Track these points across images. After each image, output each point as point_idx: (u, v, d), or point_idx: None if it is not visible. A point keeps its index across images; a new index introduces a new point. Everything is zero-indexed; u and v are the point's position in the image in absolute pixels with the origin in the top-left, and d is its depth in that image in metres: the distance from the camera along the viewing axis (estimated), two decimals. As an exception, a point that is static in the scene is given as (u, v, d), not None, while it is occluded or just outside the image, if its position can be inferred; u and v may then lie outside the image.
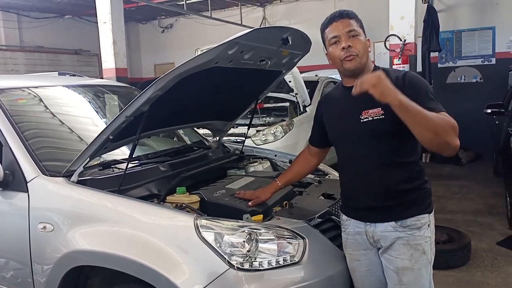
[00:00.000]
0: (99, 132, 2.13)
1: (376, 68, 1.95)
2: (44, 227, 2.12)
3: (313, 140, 2.25)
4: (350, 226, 1.99)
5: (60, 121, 2.84)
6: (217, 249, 1.83)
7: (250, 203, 2.20)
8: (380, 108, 1.80)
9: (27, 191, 2.21)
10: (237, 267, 1.81)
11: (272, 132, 5.43)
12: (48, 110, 2.86)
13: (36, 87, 2.98)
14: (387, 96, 1.62)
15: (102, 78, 6.99)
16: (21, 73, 9.54)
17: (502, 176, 5.44)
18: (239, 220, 2.00)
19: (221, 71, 2.22)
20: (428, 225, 1.88)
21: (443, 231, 3.95)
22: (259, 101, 3.18)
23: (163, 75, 1.99)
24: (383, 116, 1.80)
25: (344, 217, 2.04)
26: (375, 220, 1.89)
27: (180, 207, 2.12)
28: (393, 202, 1.86)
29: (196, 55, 6.10)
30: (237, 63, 2.26)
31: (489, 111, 5.58)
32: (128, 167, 2.25)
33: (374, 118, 1.82)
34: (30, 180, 2.21)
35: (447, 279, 3.47)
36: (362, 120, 1.85)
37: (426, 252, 1.86)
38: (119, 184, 2.16)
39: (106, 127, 2.12)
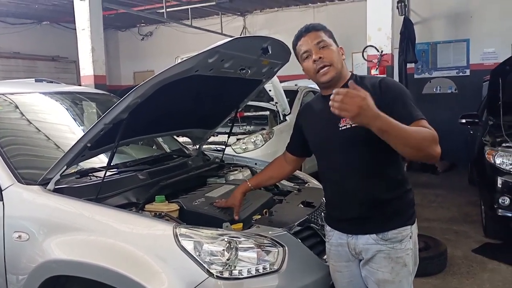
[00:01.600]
0: (77, 140, 2.10)
1: (352, 76, 1.94)
2: (20, 236, 2.08)
3: (290, 148, 2.24)
4: (333, 237, 1.98)
5: (37, 128, 2.79)
6: (197, 258, 1.82)
7: (235, 217, 2.18)
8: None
9: (2, 200, 2.16)
10: (216, 275, 1.81)
11: (252, 140, 5.44)
12: (24, 117, 2.81)
13: (12, 94, 2.93)
14: (369, 123, 1.57)
15: (80, 85, 6.89)
16: (-4, 79, 9.34)
17: (477, 185, 5.56)
18: (218, 229, 1.99)
19: (201, 79, 2.23)
20: (410, 237, 1.85)
21: (420, 238, 3.93)
22: (239, 110, 3.20)
23: (143, 83, 1.98)
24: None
25: (328, 227, 2.03)
26: (357, 232, 1.88)
27: (159, 216, 2.10)
28: (374, 212, 1.84)
29: (176, 62, 6.12)
30: (217, 72, 2.26)
31: (463, 121, 5.71)
32: (106, 175, 2.23)
33: (352, 125, 1.77)
34: (5, 188, 2.17)
35: (424, 286, 3.51)
36: (340, 128, 1.83)
37: (407, 264, 1.84)
38: (97, 193, 2.14)
39: (84, 135, 2.09)
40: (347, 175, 1.87)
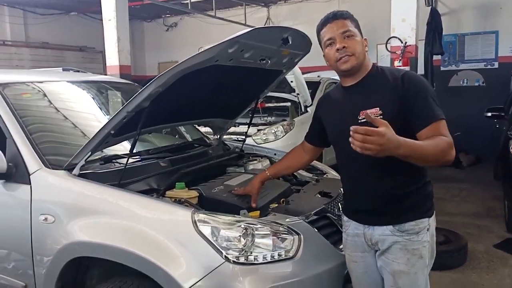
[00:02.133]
0: (101, 127, 2.17)
1: (374, 67, 1.93)
2: (46, 219, 2.17)
3: (309, 137, 2.26)
4: (350, 228, 1.99)
5: (63, 115, 2.88)
6: (214, 243, 1.87)
7: (252, 204, 2.21)
8: (378, 108, 1.78)
9: (30, 183, 2.25)
10: (233, 260, 1.85)
11: (273, 131, 5.47)
12: (51, 104, 2.91)
13: (41, 82, 3.04)
14: (392, 153, 1.58)
15: (105, 75, 7.03)
16: (26, 68, 9.61)
17: (501, 180, 5.46)
18: (235, 215, 2.04)
19: (221, 70, 2.26)
20: (428, 229, 1.85)
21: (440, 232, 3.96)
22: (260, 100, 3.23)
23: (164, 72, 2.03)
24: (382, 116, 1.75)
25: (345, 218, 2.04)
26: (373, 223, 1.88)
27: (179, 202, 2.15)
28: (391, 205, 1.84)
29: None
30: (237, 62, 2.29)
31: (489, 114, 5.60)
32: (130, 162, 2.30)
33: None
34: (33, 173, 2.26)
35: (442, 279, 3.50)
36: (360, 121, 1.81)
37: (424, 256, 1.84)
38: (120, 178, 2.21)
39: (108, 122, 2.16)
40: (364, 169, 1.86)
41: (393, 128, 1.66)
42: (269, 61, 2.55)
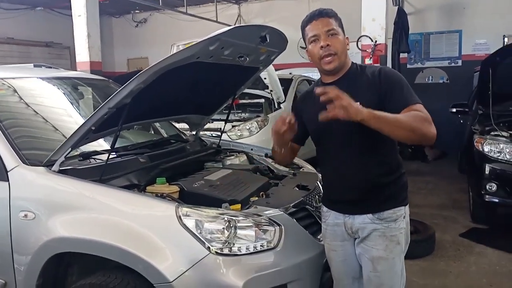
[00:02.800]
0: (82, 123, 2.18)
1: (353, 64, 2.01)
2: (26, 215, 2.16)
3: (293, 138, 2.11)
4: (330, 218, 2.06)
5: (39, 112, 2.85)
6: (198, 235, 1.92)
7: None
8: (359, 103, 1.81)
9: (8, 180, 2.23)
10: (217, 252, 1.90)
11: (248, 127, 5.53)
12: (26, 101, 2.87)
13: (14, 78, 2.99)
14: (359, 114, 1.66)
15: (74, 71, 6.91)
16: (-10, 64, 9.31)
17: (466, 173, 5.70)
18: (218, 208, 2.09)
19: (200, 66, 2.30)
20: (404, 217, 1.96)
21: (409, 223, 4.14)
22: (236, 97, 3.28)
23: (147, 68, 2.05)
24: None
25: (324, 208, 2.11)
26: (354, 212, 1.96)
27: (160, 197, 2.18)
28: (371, 195, 1.92)
29: (172, 50, 6.15)
30: (217, 59, 2.34)
31: (454, 110, 5.84)
32: (108, 158, 2.31)
33: None
34: (11, 170, 2.24)
35: (412, 268, 3.65)
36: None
37: (400, 242, 1.95)
38: (101, 174, 2.22)
39: (89, 118, 2.16)
40: (346, 161, 1.94)
41: None
42: (248, 58, 2.61)
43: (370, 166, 1.92)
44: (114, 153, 2.56)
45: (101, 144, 2.66)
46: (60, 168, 2.22)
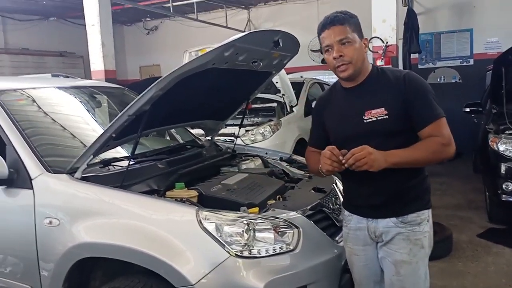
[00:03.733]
0: (103, 131, 2.24)
1: (373, 68, 1.97)
2: (50, 222, 2.22)
3: (316, 143, 2.15)
4: (352, 222, 2.03)
5: (59, 120, 2.92)
6: (218, 239, 1.95)
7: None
8: (383, 108, 1.84)
9: (32, 188, 2.29)
10: (237, 254, 1.94)
11: (261, 132, 5.56)
12: (46, 110, 2.94)
13: (34, 88, 3.07)
14: (381, 166, 1.76)
15: (89, 80, 7.01)
16: (6, 75, 9.48)
17: (481, 172, 5.67)
18: (237, 212, 2.13)
19: (215, 73, 2.34)
20: (427, 220, 1.94)
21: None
22: (249, 101, 3.32)
23: (165, 76, 2.10)
24: (387, 116, 1.84)
25: (346, 212, 2.08)
26: (377, 216, 1.94)
27: (180, 201, 2.22)
28: (395, 199, 1.91)
29: (185, 56, 6.20)
30: (232, 64, 2.39)
31: (467, 110, 5.80)
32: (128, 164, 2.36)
33: (378, 118, 1.85)
34: (35, 178, 2.30)
35: (431, 269, 3.49)
36: (365, 121, 1.87)
37: (424, 246, 1.92)
38: (122, 180, 2.27)
39: (109, 126, 2.22)
40: None
41: (399, 127, 1.85)
42: (261, 63, 2.65)
43: (395, 169, 1.85)
44: (133, 160, 2.63)
45: (119, 151, 2.72)
46: (83, 175, 2.28)
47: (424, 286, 1.97)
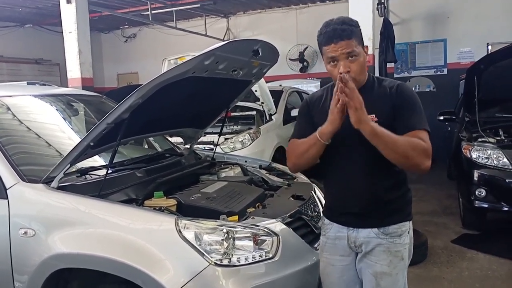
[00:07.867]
0: (80, 139, 2.21)
1: (369, 77, 1.95)
2: (25, 232, 2.17)
3: (302, 134, 1.98)
4: (332, 230, 1.99)
5: (35, 129, 2.88)
6: (198, 247, 1.95)
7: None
8: (374, 115, 1.82)
9: (7, 198, 2.25)
10: (216, 263, 1.94)
11: (240, 140, 5.58)
12: (22, 118, 2.90)
13: (9, 96, 3.02)
14: (361, 123, 1.71)
15: (67, 87, 6.91)
16: (-21, 82, 9.25)
17: (455, 179, 5.80)
18: (217, 220, 2.13)
19: (195, 81, 2.35)
20: (408, 232, 1.93)
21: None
22: (229, 109, 3.33)
23: (144, 84, 2.10)
24: (376, 121, 1.80)
25: (326, 221, 2.04)
26: (359, 225, 1.92)
27: (159, 210, 2.21)
28: (378, 208, 1.89)
29: (164, 64, 6.19)
30: (212, 73, 2.40)
31: (441, 118, 5.94)
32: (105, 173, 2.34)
33: None
34: (10, 187, 2.26)
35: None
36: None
37: (404, 258, 1.92)
38: (100, 189, 2.25)
39: (87, 134, 2.21)
40: (355, 172, 1.90)
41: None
42: (241, 72, 2.68)
43: (377, 178, 1.87)
44: (111, 168, 2.60)
45: (97, 160, 2.69)
46: (59, 185, 2.25)
47: None
